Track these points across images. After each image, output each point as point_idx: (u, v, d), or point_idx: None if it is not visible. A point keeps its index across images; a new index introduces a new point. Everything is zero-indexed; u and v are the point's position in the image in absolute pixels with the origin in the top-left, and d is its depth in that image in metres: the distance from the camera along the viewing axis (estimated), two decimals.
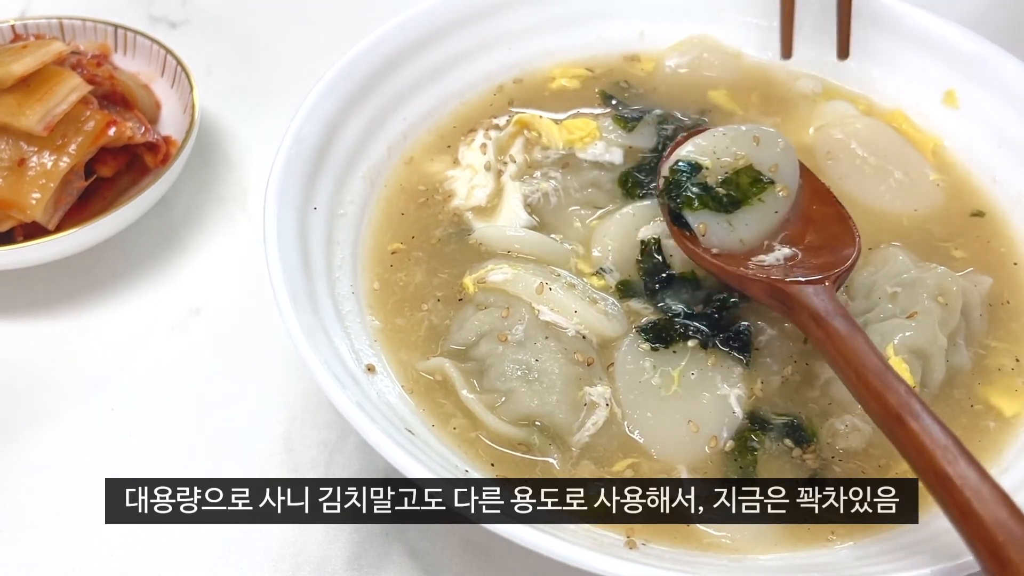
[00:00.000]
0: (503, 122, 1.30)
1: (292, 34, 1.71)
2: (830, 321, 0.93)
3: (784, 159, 1.10)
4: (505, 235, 1.16)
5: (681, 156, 1.10)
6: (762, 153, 1.10)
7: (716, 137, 1.11)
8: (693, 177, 1.08)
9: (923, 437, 0.82)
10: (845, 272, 1.02)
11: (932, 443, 0.81)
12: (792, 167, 1.11)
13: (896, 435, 0.84)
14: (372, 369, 1.02)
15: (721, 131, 1.12)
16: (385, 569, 1.05)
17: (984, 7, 1.61)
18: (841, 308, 0.95)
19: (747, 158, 1.09)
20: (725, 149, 1.10)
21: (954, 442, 0.81)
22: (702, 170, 1.09)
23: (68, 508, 1.10)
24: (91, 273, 1.32)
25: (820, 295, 0.97)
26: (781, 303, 1.00)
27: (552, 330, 1.05)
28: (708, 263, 1.06)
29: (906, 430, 0.83)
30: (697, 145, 1.11)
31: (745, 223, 1.06)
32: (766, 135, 1.11)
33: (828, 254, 1.04)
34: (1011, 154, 1.24)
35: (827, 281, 0.99)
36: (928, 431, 0.82)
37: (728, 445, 0.99)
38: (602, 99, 1.35)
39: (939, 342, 1.03)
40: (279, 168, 1.07)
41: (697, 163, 1.09)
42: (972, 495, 0.77)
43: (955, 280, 1.07)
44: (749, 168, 1.09)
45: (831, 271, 1.01)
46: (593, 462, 0.98)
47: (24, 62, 1.24)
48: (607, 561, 0.81)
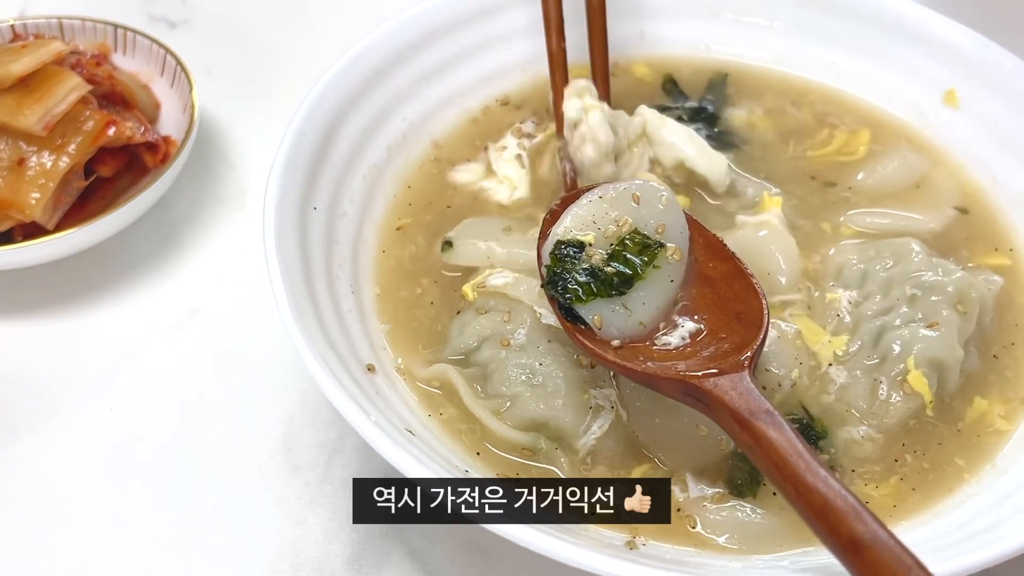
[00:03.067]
0: (531, 128, 1.30)
1: (292, 34, 1.71)
2: (755, 424, 0.83)
3: (669, 216, 1.00)
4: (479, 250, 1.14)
5: (560, 236, 0.98)
6: (644, 212, 0.99)
7: (593, 204, 0.99)
8: (577, 259, 0.97)
9: (883, 570, 0.70)
10: (759, 347, 0.92)
11: (895, 573, 0.70)
12: (679, 223, 1.00)
13: (852, 564, 0.73)
14: (372, 369, 1.02)
15: (596, 195, 1.00)
16: (385, 569, 1.05)
17: (985, 7, 1.61)
18: (766, 403, 0.84)
19: (630, 222, 0.98)
20: (604, 216, 0.98)
21: (921, 570, 0.70)
22: (585, 248, 0.97)
23: (68, 508, 1.09)
24: (91, 273, 1.31)
25: (739, 388, 0.86)
26: (697, 400, 0.89)
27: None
28: (610, 363, 0.94)
29: (863, 560, 0.72)
30: (575, 218, 0.99)
31: (642, 302, 0.96)
32: (645, 190, 1.00)
33: (735, 322, 0.95)
34: (1011, 154, 1.24)
35: (745, 366, 0.89)
36: (891, 559, 0.71)
37: (738, 447, 0.99)
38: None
39: (957, 354, 1.03)
40: (279, 168, 1.07)
41: (579, 241, 0.98)
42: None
43: (975, 286, 1.07)
44: (634, 233, 0.98)
45: (745, 349, 0.91)
46: (604, 467, 0.98)
47: (23, 62, 1.24)
48: (607, 561, 0.81)
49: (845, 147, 1.30)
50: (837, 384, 1.04)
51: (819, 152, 1.30)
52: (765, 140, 1.31)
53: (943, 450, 1.01)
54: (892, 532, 0.73)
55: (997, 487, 0.97)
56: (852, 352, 1.05)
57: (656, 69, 1.40)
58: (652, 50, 1.41)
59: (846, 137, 1.32)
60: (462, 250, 1.15)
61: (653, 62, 1.41)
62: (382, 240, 1.18)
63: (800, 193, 1.24)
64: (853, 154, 1.30)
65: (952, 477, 0.99)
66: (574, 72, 1.33)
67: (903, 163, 1.28)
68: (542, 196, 1.23)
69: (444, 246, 1.15)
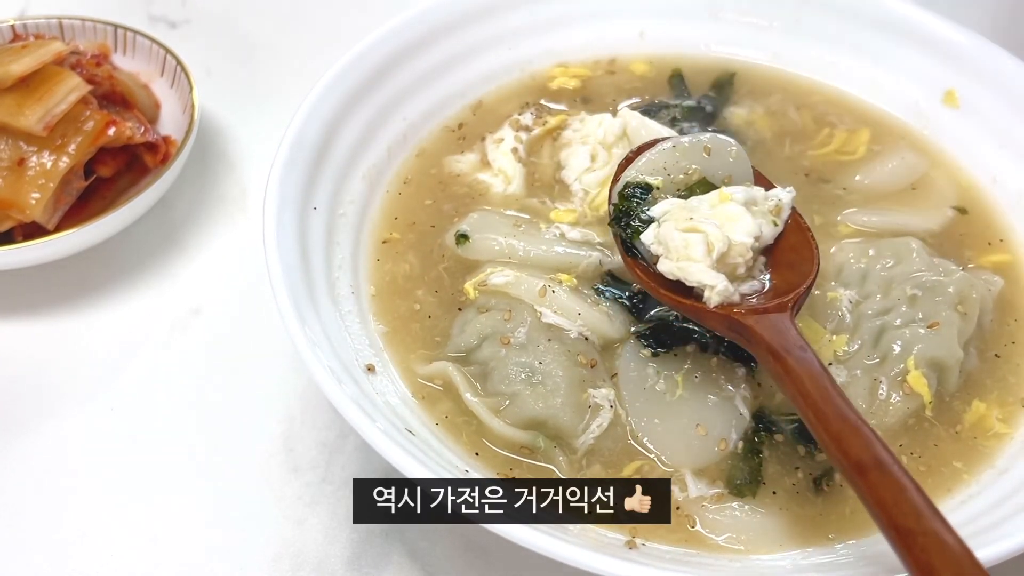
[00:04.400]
0: (529, 120, 1.30)
1: (292, 34, 1.71)
2: (788, 357, 0.88)
3: (737, 168, 1.06)
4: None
5: (629, 179, 1.04)
6: (714, 163, 1.04)
7: (665, 152, 1.06)
8: (643, 201, 1.03)
9: (886, 490, 0.77)
10: (804, 292, 0.97)
11: (897, 496, 0.76)
12: (746, 175, 1.06)
13: (857, 485, 0.79)
14: (372, 369, 1.02)
15: (670, 144, 1.07)
16: (385, 569, 1.05)
17: (985, 7, 1.61)
18: (800, 340, 0.90)
19: (699, 171, 1.04)
20: (675, 164, 1.05)
21: (921, 495, 0.76)
22: (653, 191, 1.03)
23: (68, 508, 1.09)
24: (91, 273, 1.31)
25: (779, 326, 0.91)
26: (739, 334, 0.95)
27: (555, 332, 1.04)
28: (663, 296, 0.99)
29: (868, 481, 0.78)
30: (647, 162, 1.05)
31: None
32: (717, 143, 1.07)
33: (786, 268, 0.99)
34: (1011, 154, 1.25)
35: (788, 307, 0.94)
36: (893, 483, 0.77)
37: (738, 446, 0.99)
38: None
39: (957, 355, 1.03)
40: (279, 168, 1.07)
41: (647, 184, 1.04)
42: (938, 553, 0.73)
43: (975, 287, 1.07)
44: (703, 182, 1.04)
45: (790, 292, 0.96)
46: (601, 466, 0.98)
47: (23, 62, 1.24)
48: (607, 561, 0.81)
49: (844, 146, 1.30)
50: (837, 383, 1.03)
51: (818, 152, 1.30)
52: (763, 139, 1.31)
53: (940, 452, 1.01)
54: (897, 459, 0.79)
55: (998, 487, 0.97)
56: (852, 351, 1.05)
57: (655, 66, 1.40)
58: (652, 49, 1.41)
59: (845, 136, 1.32)
60: (480, 245, 1.15)
61: (653, 60, 1.41)
62: (382, 240, 1.18)
63: (799, 192, 1.24)
64: (853, 154, 1.30)
65: (951, 479, 0.99)
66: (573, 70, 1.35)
67: (901, 163, 1.28)
68: (537, 192, 1.23)
69: (459, 239, 1.15)
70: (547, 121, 1.30)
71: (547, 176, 1.25)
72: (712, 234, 0.95)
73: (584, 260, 1.13)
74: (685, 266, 0.96)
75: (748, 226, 0.97)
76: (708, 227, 0.96)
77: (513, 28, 1.36)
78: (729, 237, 0.96)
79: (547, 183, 1.25)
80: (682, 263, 0.96)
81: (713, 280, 0.95)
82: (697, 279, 0.95)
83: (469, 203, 1.22)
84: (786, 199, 1.04)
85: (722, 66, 1.40)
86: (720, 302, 0.95)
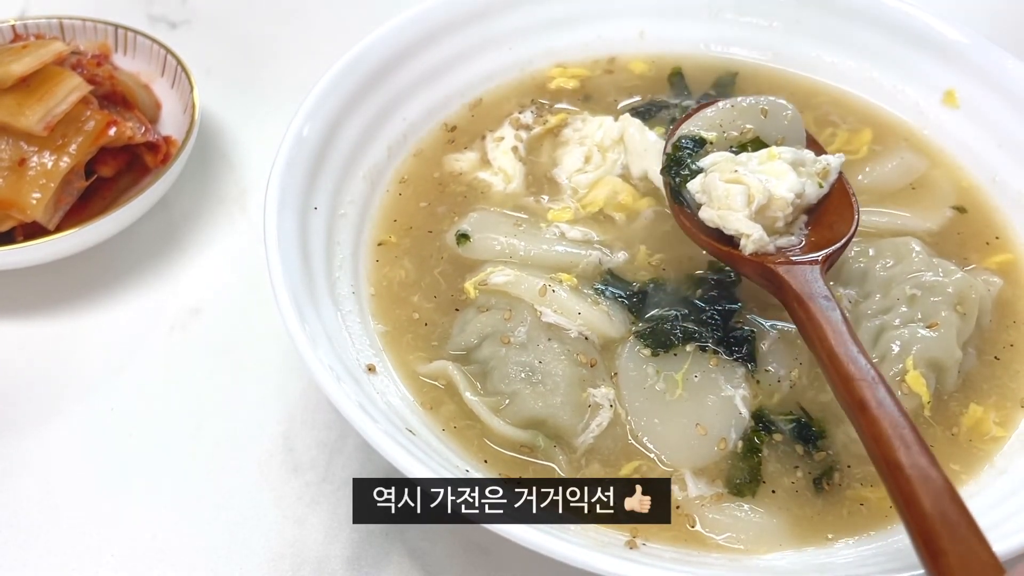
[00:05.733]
0: (530, 118, 1.30)
1: (292, 34, 1.71)
2: (811, 303, 0.94)
3: (791, 131, 1.12)
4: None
5: (685, 132, 1.11)
6: (769, 125, 1.11)
7: (723, 110, 1.12)
8: (696, 153, 1.08)
9: (880, 425, 0.82)
10: (839, 250, 1.02)
11: (888, 431, 0.81)
12: (799, 139, 1.12)
13: (857, 420, 0.85)
14: (372, 369, 1.02)
15: (728, 104, 1.13)
16: (385, 569, 1.05)
17: (984, 7, 1.61)
18: (825, 291, 0.95)
19: (754, 131, 1.10)
20: (732, 122, 1.11)
21: (911, 432, 0.81)
22: (706, 145, 1.09)
23: (68, 508, 1.10)
24: (91, 273, 1.31)
25: (808, 276, 0.97)
26: (769, 282, 1.00)
27: (555, 332, 1.05)
28: (703, 242, 1.05)
29: (866, 417, 0.83)
30: (704, 119, 1.12)
31: None
32: (774, 106, 1.13)
33: (826, 228, 1.04)
34: (1011, 154, 1.25)
35: (819, 261, 0.99)
36: (886, 420, 0.82)
37: (738, 446, 0.99)
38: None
39: (956, 355, 1.03)
40: (279, 168, 1.07)
41: (701, 138, 1.10)
42: (919, 484, 0.77)
43: (974, 287, 1.07)
44: (756, 141, 1.09)
45: (825, 248, 1.01)
46: (600, 465, 0.99)
47: (24, 62, 1.24)
48: (607, 561, 0.81)
49: (847, 146, 1.30)
50: None
51: None
52: None
53: (937, 453, 0.98)
54: (899, 402, 0.84)
55: (997, 487, 0.97)
56: None
57: (655, 66, 1.40)
58: (652, 49, 1.41)
59: (848, 136, 1.32)
60: (480, 244, 1.15)
61: (653, 60, 1.41)
62: (378, 242, 1.18)
63: None
64: (855, 153, 1.30)
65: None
66: (572, 70, 1.35)
67: (901, 163, 1.28)
68: (537, 191, 1.23)
69: (460, 239, 1.16)
70: (548, 120, 1.30)
71: (542, 174, 1.25)
72: (754, 186, 1.00)
73: (584, 259, 1.13)
74: (725, 214, 1.02)
75: (791, 183, 1.02)
76: (751, 179, 1.01)
77: (513, 28, 1.36)
78: (770, 191, 1.00)
79: (540, 181, 1.25)
80: (722, 212, 1.02)
81: (750, 229, 1.00)
82: (735, 227, 1.01)
83: (469, 202, 1.22)
84: (835, 163, 1.08)
85: (722, 66, 1.40)
86: (755, 250, 1.01)
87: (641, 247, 1.15)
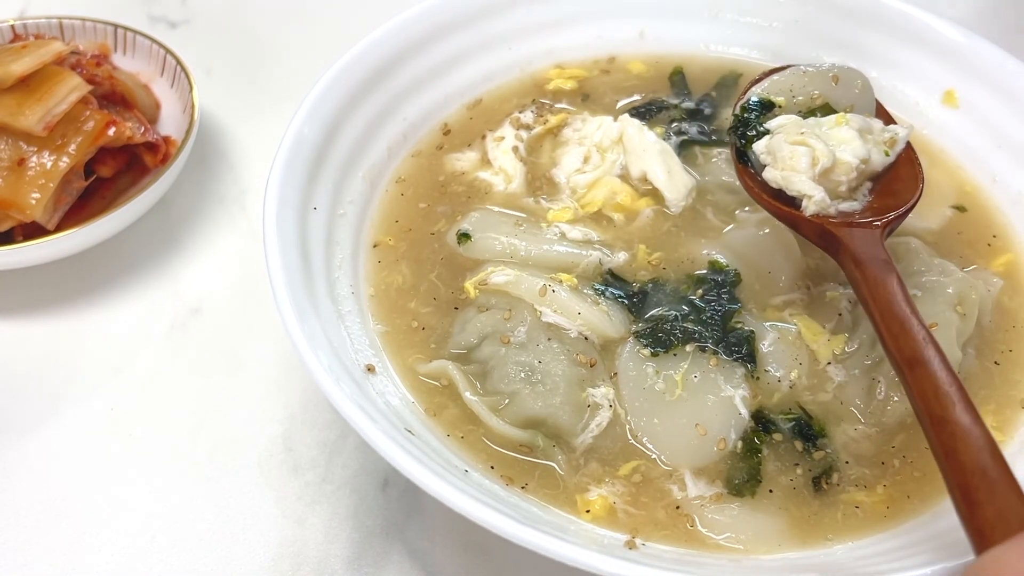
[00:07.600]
0: (530, 118, 1.30)
1: (292, 34, 1.71)
2: (868, 266, 0.95)
3: (861, 99, 1.12)
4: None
5: (755, 94, 1.12)
6: (839, 93, 1.11)
7: (795, 75, 1.13)
8: (763, 116, 1.10)
9: (926, 382, 0.83)
10: (900, 216, 1.02)
11: (934, 388, 0.83)
12: (869, 108, 1.12)
13: (905, 379, 0.86)
14: (372, 369, 1.02)
15: (801, 69, 1.14)
16: (385, 569, 1.05)
17: (984, 7, 1.61)
18: (884, 253, 0.96)
19: (824, 97, 1.11)
20: (802, 88, 1.12)
21: (957, 389, 0.82)
22: (774, 108, 1.10)
23: (68, 508, 1.10)
24: (91, 273, 1.32)
25: (867, 239, 0.98)
26: (828, 244, 1.01)
27: (554, 331, 1.05)
28: (765, 201, 1.06)
29: (914, 374, 0.85)
30: (774, 83, 1.13)
31: None
32: (846, 74, 1.13)
33: (889, 196, 1.04)
34: (1011, 154, 1.24)
35: (878, 225, 0.99)
36: (933, 377, 0.83)
37: (738, 446, 0.99)
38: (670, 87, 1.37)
39: (955, 356, 1.03)
40: (279, 168, 1.07)
41: (770, 101, 1.11)
42: (960, 439, 0.79)
43: (974, 287, 1.07)
44: (825, 107, 1.10)
45: (887, 214, 1.01)
46: (598, 464, 0.99)
47: (24, 62, 1.25)
48: (607, 561, 0.81)
49: None
50: (835, 383, 1.04)
51: None
52: None
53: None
54: (947, 362, 0.85)
55: None
56: (851, 351, 1.05)
57: (655, 66, 1.40)
58: (651, 49, 1.41)
59: None
60: (481, 244, 1.15)
61: (653, 60, 1.41)
62: (373, 243, 1.18)
63: None
64: None
65: None
66: (570, 71, 1.34)
67: None
68: (537, 191, 1.23)
69: (461, 238, 1.16)
70: (548, 119, 1.30)
71: (542, 174, 1.25)
72: (819, 149, 1.01)
73: (584, 259, 1.13)
74: (788, 175, 1.03)
75: (857, 149, 1.03)
76: (816, 142, 1.01)
77: (513, 28, 1.36)
78: (835, 154, 1.01)
79: (539, 181, 1.25)
80: (786, 173, 1.03)
81: (812, 190, 1.01)
82: (797, 188, 1.02)
83: (470, 202, 1.22)
84: (902, 134, 1.08)
85: (722, 66, 1.40)
86: (816, 212, 1.01)
87: (641, 247, 1.16)
